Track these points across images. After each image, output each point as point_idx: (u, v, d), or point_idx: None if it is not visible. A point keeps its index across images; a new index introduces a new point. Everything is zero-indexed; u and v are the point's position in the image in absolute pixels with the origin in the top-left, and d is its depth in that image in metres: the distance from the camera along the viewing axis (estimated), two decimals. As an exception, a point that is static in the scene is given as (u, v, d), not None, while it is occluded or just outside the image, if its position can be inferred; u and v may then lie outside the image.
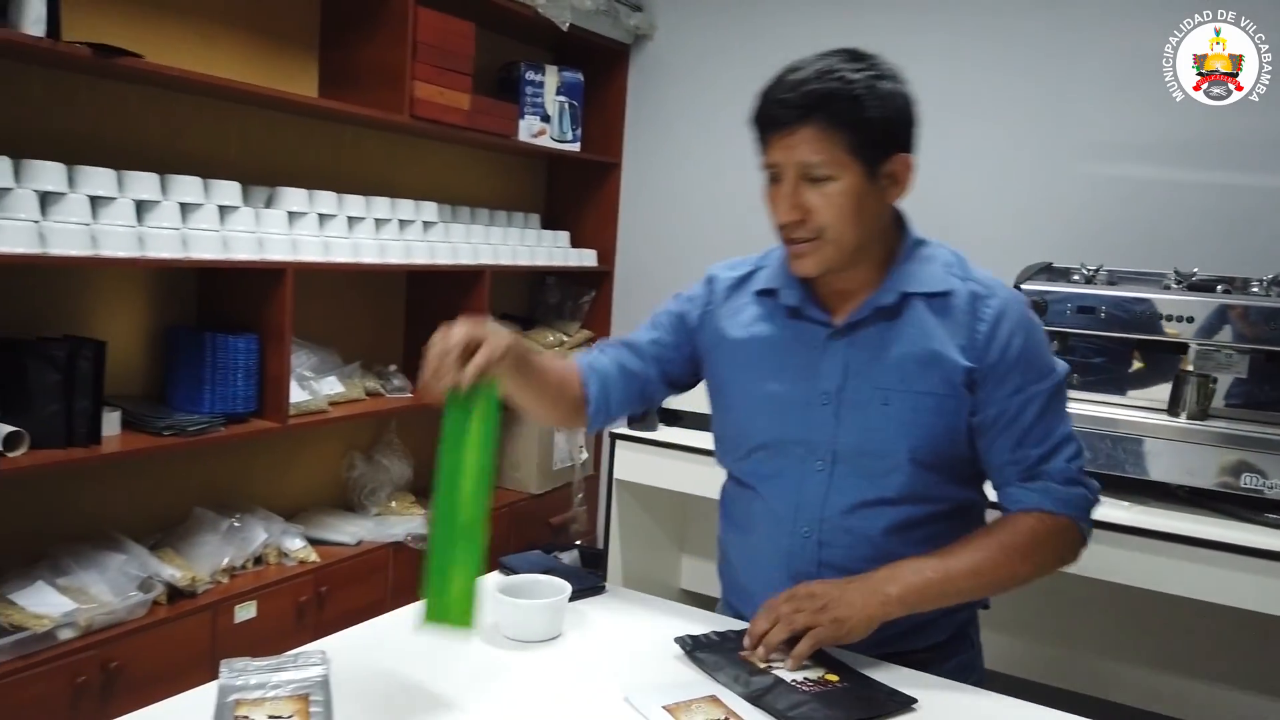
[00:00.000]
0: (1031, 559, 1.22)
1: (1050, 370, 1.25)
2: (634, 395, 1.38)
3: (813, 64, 1.18)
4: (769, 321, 1.31)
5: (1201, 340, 2.07)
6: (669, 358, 1.38)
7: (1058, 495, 1.23)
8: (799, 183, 1.18)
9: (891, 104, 1.18)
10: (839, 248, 1.20)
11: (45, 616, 1.86)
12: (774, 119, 1.18)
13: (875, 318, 1.24)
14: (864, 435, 1.24)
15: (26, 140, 1.98)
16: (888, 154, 1.19)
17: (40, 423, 1.88)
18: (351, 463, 2.80)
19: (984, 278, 1.27)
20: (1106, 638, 2.59)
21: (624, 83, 3.41)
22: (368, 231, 2.55)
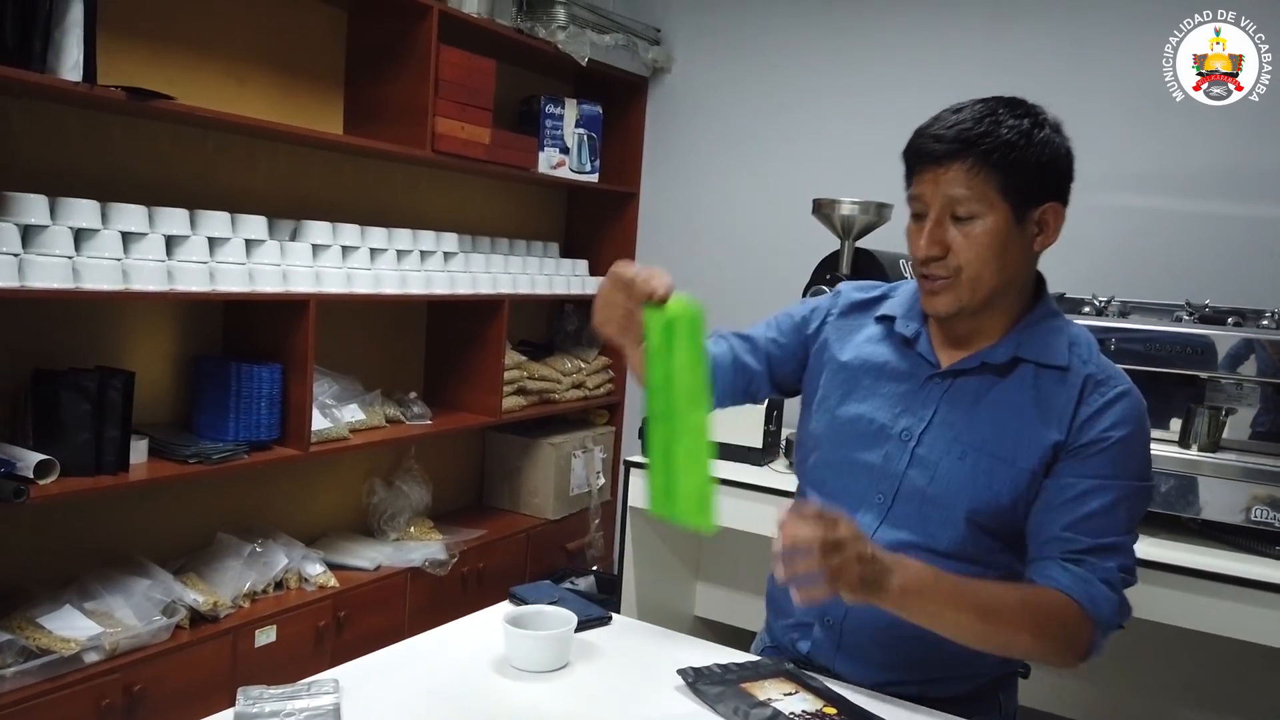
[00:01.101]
0: (1042, 635, 1.13)
1: (1139, 474, 1.19)
2: (740, 388, 1.38)
3: (972, 106, 1.18)
4: (879, 345, 1.32)
5: (1213, 373, 2.07)
6: (782, 359, 1.39)
7: (1093, 592, 1.14)
8: (943, 218, 1.17)
9: (1046, 151, 1.17)
10: (974, 289, 1.18)
11: (72, 640, 1.91)
12: (927, 153, 1.17)
13: (981, 371, 1.23)
14: (929, 482, 1.23)
15: (63, 178, 2.06)
16: (1038, 201, 1.18)
17: (71, 451, 1.94)
18: (371, 489, 2.85)
19: (1109, 368, 1.22)
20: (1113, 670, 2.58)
21: (642, 114, 3.47)
22: (389, 262, 2.62)
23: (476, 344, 2.98)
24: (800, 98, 3.13)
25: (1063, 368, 1.21)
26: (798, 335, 1.39)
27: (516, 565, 3.07)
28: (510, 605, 1.42)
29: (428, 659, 1.25)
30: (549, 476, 3.22)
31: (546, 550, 3.20)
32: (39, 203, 1.89)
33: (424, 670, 1.21)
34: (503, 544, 3.02)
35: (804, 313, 1.40)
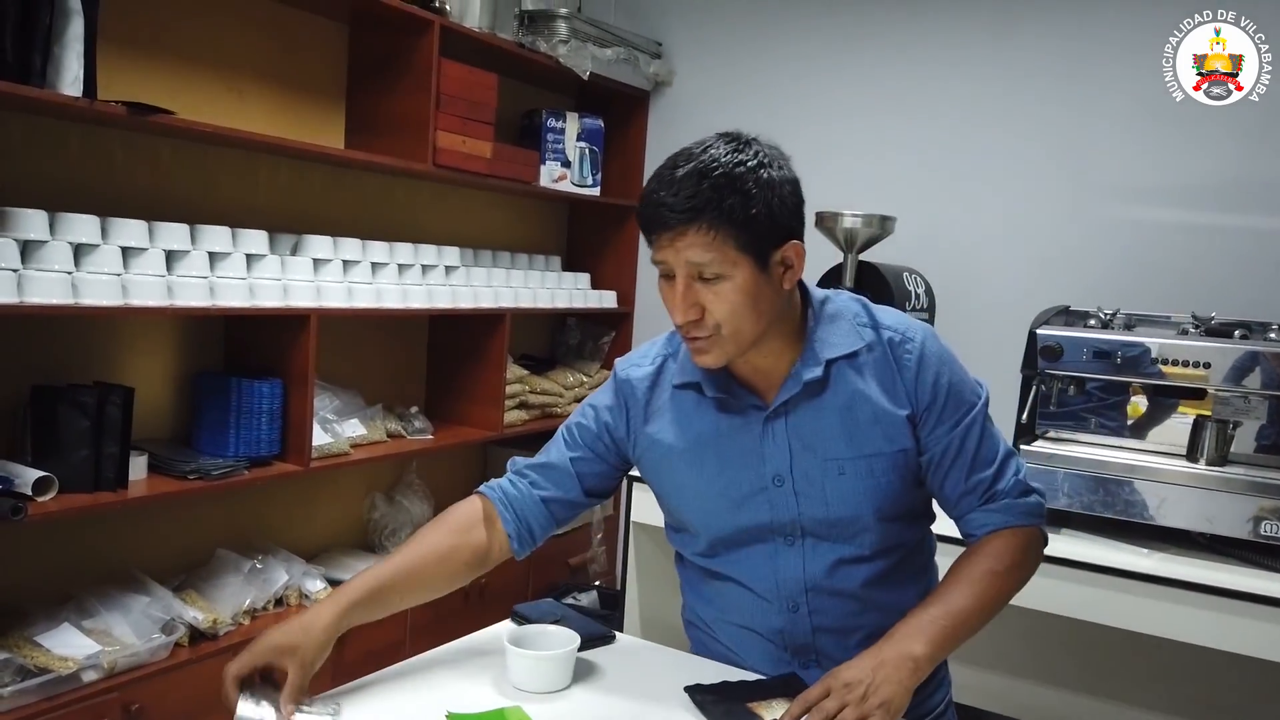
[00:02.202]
0: (1017, 575, 1.26)
1: (976, 394, 1.29)
2: (558, 518, 1.36)
3: (696, 157, 1.14)
4: (698, 416, 1.29)
5: (1220, 385, 2.06)
6: (593, 472, 1.35)
7: (1020, 509, 1.28)
8: (691, 282, 1.15)
9: (778, 194, 1.15)
10: (737, 341, 1.19)
11: (70, 659, 1.90)
12: (660, 220, 1.14)
13: (806, 391, 1.24)
14: (827, 507, 1.25)
15: (63, 193, 2.05)
16: (777, 244, 1.17)
17: (69, 467, 1.93)
18: (373, 504, 2.83)
19: (893, 321, 1.28)
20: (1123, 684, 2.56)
21: (644, 128, 3.47)
22: (391, 277, 2.61)
23: (478, 358, 2.97)
24: (801, 111, 3.13)
25: (861, 350, 1.26)
26: (605, 444, 1.35)
27: (519, 580, 3.05)
28: (512, 624, 1.40)
29: (429, 679, 1.24)
30: (551, 491, 3.19)
31: (549, 565, 3.18)
32: (38, 218, 1.88)
33: (425, 691, 1.19)
34: (505, 562, 2.99)
35: (603, 420, 1.35)
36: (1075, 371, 2.16)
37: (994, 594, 1.23)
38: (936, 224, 2.92)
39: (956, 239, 2.92)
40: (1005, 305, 2.72)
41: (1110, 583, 1.95)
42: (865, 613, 1.28)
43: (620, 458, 1.37)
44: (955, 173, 2.93)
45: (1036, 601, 2.03)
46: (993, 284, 2.86)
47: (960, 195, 2.92)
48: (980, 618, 1.22)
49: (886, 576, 1.29)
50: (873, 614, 1.28)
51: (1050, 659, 2.61)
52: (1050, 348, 2.16)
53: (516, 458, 1.39)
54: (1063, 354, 2.15)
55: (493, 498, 1.33)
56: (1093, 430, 2.24)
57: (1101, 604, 1.97)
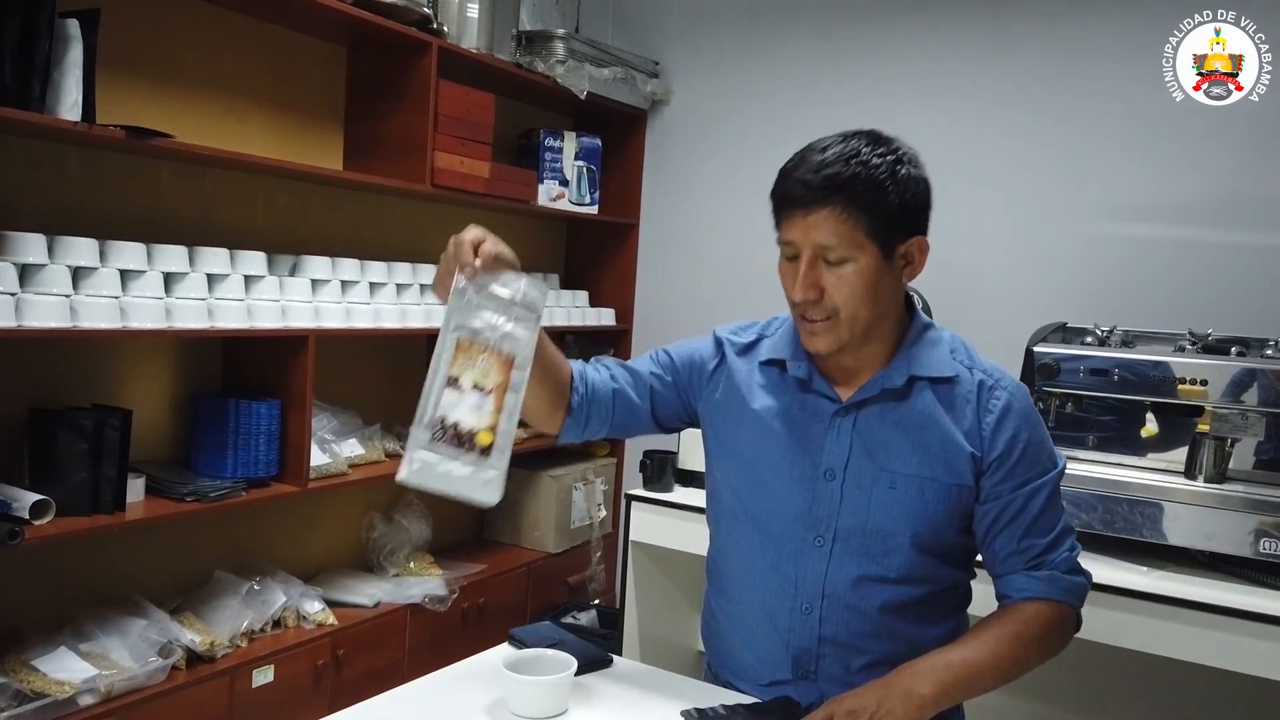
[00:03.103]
0: (1041, 647, 1.24)
1: (1053, 464, 1.28)
2: (618, 419, 1.36)
3: (835, 145, 1.19)
4: (776, 392, 1.31)
5: (1218, 403, 2.06)
6: (665, 396, 1.37)
7: (1063, 585, 1.26)
8: (815, 262, 1.19)
9: (910, 189, 1.20)
10: (852, 327, 1.21)
11: (66, 683, 1.89)
12: (794, 198, 1.18)
13: (882, 397, 1.25)
14: (867, 515, 1.25)
15: (62, 217, 2.06)
16: (904, 237, 1.21)
17: (67, 491, 1.93)
18: (371, 524, 2.82)
19: (990, 366, 1.30)
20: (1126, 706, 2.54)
21: (641, 146, 3.48)
22: (389, 297, 2.61)
23: (476, 377, 2.97)
24: (798, 128, 3.10)
25: (952, 379, 1.26)
26: (687, 375, 1.37)
27: (517, 600, 3.04)
28: (510, 648, 1.40)
29: (426, 704, 1.23)
30: (550, 509, 3.20)
31: (548, 584, 3.17)
32: (37, 242, 1.89)
33: (421, 717, 1.19)
34: (503, 578, 2.99)
35: (693, 355, 1.38)
36: (1072, 389, 2.16)
37: (1014, 659, 1.21)
38: (933, 241, 2.90)
39: (953, 256, 2.92)
40: (1002, 322, 2.72)
41: (1108, 601, 1.94)
42: (877, 637, 1.26)
43: (691, 398, 1.38)
44: (951, 190, 2.91)
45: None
46: (989, 301, 2.87)
47: (957, 213, 2.93)
48: (995, 678, 1.20)
49: (907, 607, 1.27)
50: (883, 640, 1.27)
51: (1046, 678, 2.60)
52: (1047, 365, 2.16)
53: (601, 356, 1.41)
54: (1060, 371, 2.16)
55: (574, 369, 1.33)
56: (1090, 448, 2.24)
57: (1100, 622, 1.95)
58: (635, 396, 1.36)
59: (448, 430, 1.07)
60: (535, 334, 1.13)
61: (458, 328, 1.11)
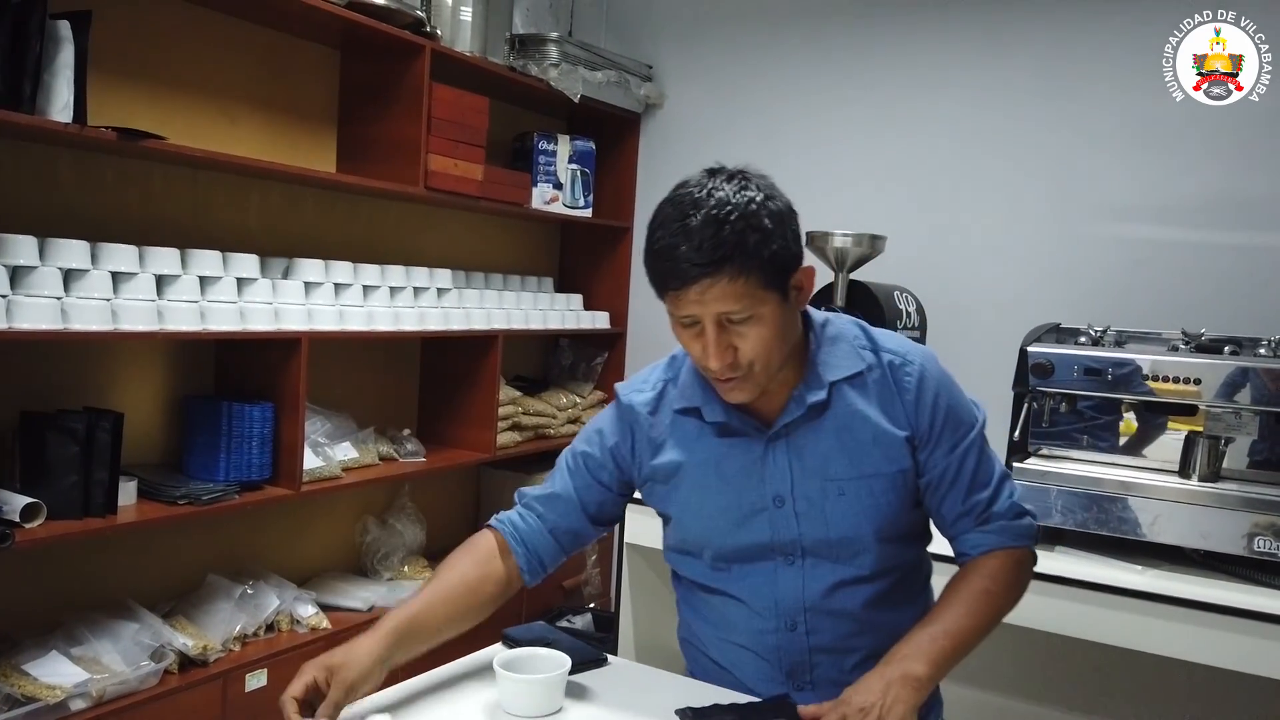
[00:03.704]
0: (1010, 595, 1.29)
1: (974, 417, 1.31)
2: (569, 548, 1.38)
3: (704, 203, 1.13)
4: (701, 439, 1.30)
5: (1211, 402, 2.06)
6: (598, 500, 1.36)
7: (1014, 531, 1.30)
8: (721, 328, 1.16)
9: (787, 224, 1.17)
10: (769, 373, 1.21)
11: (58, 687, 1.87)
12: (684, 275, 1.12)
13: (809, 413, 1.25)
14: (827, 528, 1.26)
15: (53, 219, 2.05)
16: (793, 272, 1.19)
17: (58, 494, 1.92)
18: (365, 527, 2.82)
19: (893, 344, 1.30)
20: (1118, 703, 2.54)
21: (635, 149, 3.48)
22: (383, 300, 2.61)
23: (470, 380, 2.97)
24: (792, 132, 3.15)
25: (863, 371, 1.27)
26: (612, 470, 1.35)
27: (512, 603, 3.00)
28: (503, 647, 1.39)
29: (419, 704, 1.23)
30: (545, 513, 3.18)
31: (542, 588, 3.13)
32: (28, 244, 1.88)
33: (415, 716, 1.18)
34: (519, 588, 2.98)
35: (607, 445, 1.35)
36: (1067, 389, 2.16)
37: (990, 613, 1.25)
38: (927, 243, 2.93)
39: (947, 258, 2.93)
40: (996, 323, 2.72)
41: (1103, 600, 1.94)
42: (863, 634, 1.28)
43: (625, 483, 1.37)
44: (945, 192, 2.94)
45: (1030, 619, 2.03)
46: (983, 302, 2.87)
47: (950, 214, 2.94)
48: (977, 636, 1.23)
49: (885, 598, 1.29)
50: (870, 635, 1.29)
51: (1042, 677, 2.60)
52: (1041, 365, 2.16)
53: (523, 489, 1.39)
54: (1054, 371, 2.16)
55: (504, 532, 1.34)
56: (1085, 448, 2.24)
57: (1095, 621, 1.96)
58: (570, 524, 1.36)
59: None
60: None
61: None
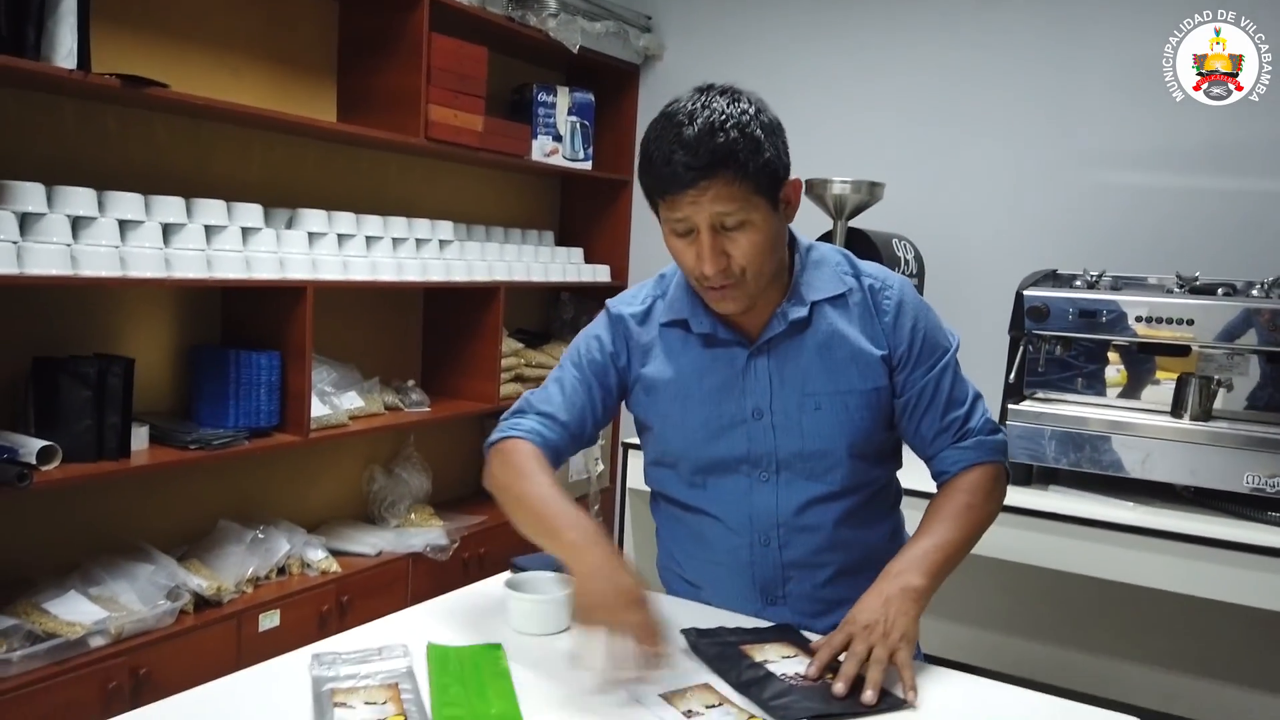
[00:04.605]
0: (990, 508, 1.33)
1: (949, 341, 1.36)
2: (575, 451, 1.41)
3: (699, 113, 1.17)
4: (686, 352, 1.34)
5: (1203, 343, 2.10)
6: (605, 404, 1.39)
7: (990, 446, 1.35)
8: (716, 232, 1.19)
9: (778, 137, 1.22)
10: (759, 283, 1.25)
11: (78, 624, 1.93)
12: (681, 179, 1.16)
13: (790, 330, 1.30)
14: (803, 440, 1.31)
15: (59, 168, 2.07)
16: (783, 184, 1.23)
17: (72, 437, 1.96)
18: (371, 476, 2.86)
19: (874, 270, 1.35)
20: (1111, 637, 2.60)
21: (634, 101, 3.48)
22: (385, 250, 2.63)
23: (473, 332, 3.00)
24: (790, 83, 3.14)
25: (845, 293, 1.32)
26: (608, 375, 1.38)
27: (517, 551, 3.06)
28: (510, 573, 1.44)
29: (431, 622, 1.27)
30: (548, 463, 3.22)
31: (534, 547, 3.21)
32: (36, 191, 1.90)
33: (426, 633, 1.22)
34: (503, 529, 3.02)
35: (606, 349, 1.38)
36: (1061, 331, 2.19)
37: (974, 526, 1.30)
38: (925, 190, 2.95)
39: (945, 205, 2.95)
40: (993, 271, 2.75)
41: (1096, 535, 1.99)
42: (834, 550, 1.34)
43: (620, 386, 1.40)
44: (943, 139, 2.95)
45: (1024, 555, 2.08)
46: (980, 250, 2.89)
47: (948, 162, 2.95)
48: (965, 548, 1.28)
49: (855, 514, 1.34)
50: (840, 551, 1.34)
51: (1031, 611, 2.66)
52: (1037, 308, 2.19)
53: (529, 396, 1.40)
54: (1049, 315, 2.19)
55: (536, 443, 1.34)
56: (1079, 390, 2.28)
57: (1088, 556, 2.01)
58: (585, 428, 1.38)
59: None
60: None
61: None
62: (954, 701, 1.12)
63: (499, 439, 1.36)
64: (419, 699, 1.03)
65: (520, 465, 1.29)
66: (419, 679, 1.08)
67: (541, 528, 1.22)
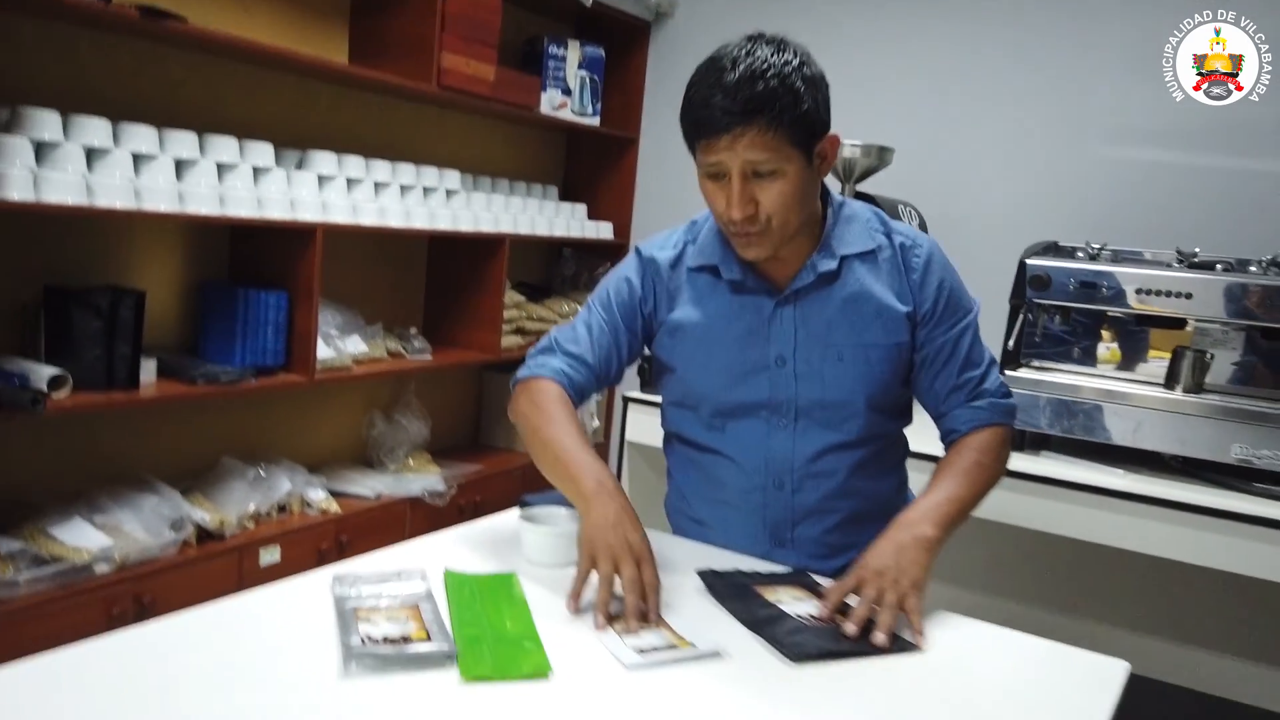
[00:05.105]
0: (998, 466, 1.37)
1: (971, 303, 1.39)
2: (593, 392, 1.43)
3: (742, 59, 1.19)
4: (714, 297, 1.37)
5: (1199, 317, 2.14)
6: (631, 345, 1.42)
7: (1002, 408, 1.39)
8: (746, 179, 1.21)
9: (819, 91, 1.23)
10: (785, 232, 1.26)
11: (84, 550, 1.96)
12: (714, 123, 1.18)
13: (818, 282, 1.33)
14: (824, 389, 1.34)
15: (75, 99, 2.07)
16: (820, 138, 1.24)
17: (82, 366, 1.97)
18: (372, 421, 2.89)
19: (904, 229, 1.38)
20: (1092, 600, 2.67)
21: (644, 59, 3.48)
22: (393, 196, 2.64)
23: (477, 282, 3.01)
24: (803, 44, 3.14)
25: (875, 250, 1.34)
26: (636, 317, 1.41)
27: (513, 500, 3.09)
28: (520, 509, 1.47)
29: (443, 552, 1.30)
30: (545, 416, 3.25)
31: (541, 487, 3.24)
32: (52, 119, 1.90)
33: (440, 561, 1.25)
34: (499, 478, 3.07)
35: (635, 292, 1.40)
36: (1062, 301, 2.23)
37: (983, 483, 1.33)
38: (931, 158, 2.97)
39: (950, 174, 2.97)
40: (995, 241, 2.77)
41: (1086, 499, 2.04)
42: (845, 497, 1.37)
43: (646, 330, 1.43)
44: (952, 109, 2.97)
45: (1016, 517, 2.13)
46: (984, 220, 2.92)
47: (955, 131, 2.96)
48: (974, 503, 1.31)
49: (867, 464, 1.38)
50: (851, 499, 1.38)
51: (1020, 573, 2.72)
52: (1039, 277, 2.23)
53: (557, 334, 1.43)
54: (1050, 284, 2.22)
55: (563, 384, 1.37)
56: (1076, 360, 2.32)
57: (1077, 519, 2.06)
58: (610, 369, 1.41)
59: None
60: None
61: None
62: (961, 645, 1.15)
63: (527, 376, 1.39)
64: (439, 618, 1.06)
65: (547, 408, 1.32)
66: (438, 601, 1.11)
67: (562, 473, 1.25)
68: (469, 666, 0.97)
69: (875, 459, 1.39)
